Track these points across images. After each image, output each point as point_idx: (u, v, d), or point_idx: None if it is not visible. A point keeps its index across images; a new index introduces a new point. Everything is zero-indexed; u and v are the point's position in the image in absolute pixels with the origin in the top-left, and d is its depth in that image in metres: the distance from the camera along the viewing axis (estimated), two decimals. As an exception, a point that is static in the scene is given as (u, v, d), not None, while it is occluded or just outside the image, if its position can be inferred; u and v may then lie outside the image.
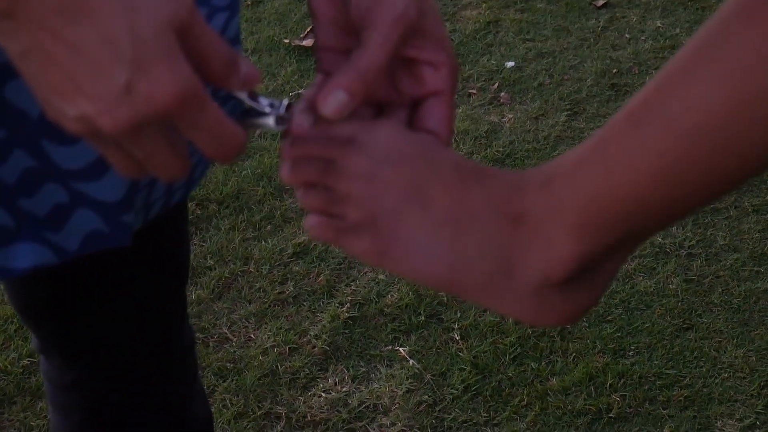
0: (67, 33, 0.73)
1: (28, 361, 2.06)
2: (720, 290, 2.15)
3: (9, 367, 2.01)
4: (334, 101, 0.82)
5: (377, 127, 0.86)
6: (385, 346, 2.08)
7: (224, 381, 2.01)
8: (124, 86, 0.74)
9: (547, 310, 0.84)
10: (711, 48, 0.72)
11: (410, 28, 0.84)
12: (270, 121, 0.84)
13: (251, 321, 2.15)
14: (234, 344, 2.10)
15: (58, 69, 0.75)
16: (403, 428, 1.91)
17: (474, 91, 2.73)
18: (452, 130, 0.89)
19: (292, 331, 2.11)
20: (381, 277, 2.22)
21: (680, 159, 0.74)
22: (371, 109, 0.90)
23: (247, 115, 0.85)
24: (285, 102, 0.84)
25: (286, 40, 2.87)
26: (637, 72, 2.70)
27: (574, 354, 2.03)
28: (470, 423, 1.93)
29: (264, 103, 0.84)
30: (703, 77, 0.72)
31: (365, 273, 2.24)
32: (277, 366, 2.04)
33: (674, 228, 2.28)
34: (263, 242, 2.31)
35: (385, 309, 2.15)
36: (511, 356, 2.03)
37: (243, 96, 0.83)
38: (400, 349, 2.07)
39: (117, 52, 0.73)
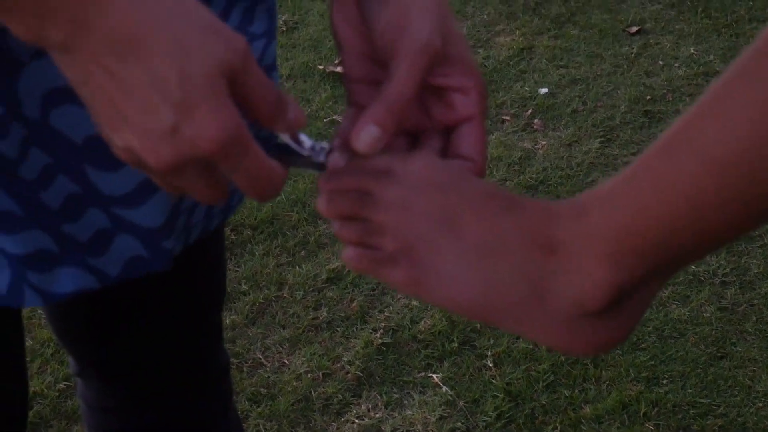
0: (119, 70, 0.74)
1: (65, 384, 2.07)
2: (754, 318, 2.14)
3: (46, 390, 2.02)
4: (366, 136, 0.83)
5: (411, 158, 0.86)
6: (418, 372, 2.08)
7: (258, 406, 2.01)
8: (169, 127, 0.75)
9: (580, 338, 0.84)
10: (741, 82, 0.71)
11: (435, 57, 0.84)
12: (309, 163, 0.84)
13: (285, 346, 2.15)
14: (268, 369, 2.10)
15: (109, 102, 0.75)
16: None
17: (507, 118, 2.73)
18: (486, 154, 0.89)
19: (325, 357, 2.11)
20: (414, 303, 2.21)
21: (710, 190, 0.73)
22: (405, 139, 0.90)
23: (286, 151, 0.85)
24: (326, 147, 0.84)
25: (321, 66, 2.88)
26: (670, 99, 2.70)
27: (607, 382, 2.02)
28: None
29: (307, 144, 0.84)
30: (732, 110, 0.71)
31: (398, 299, 2.23)
32: (310, 392, 2.04)
33: (708, 256, 2.25)
34: (297, 268, 2.31)
35: (418, 335, 2.15)
36: (545, 383, 2.03)
37: (285, 136, 0.83)
38: (433, 375, 2.07)
39: (165, 93, 0.74)
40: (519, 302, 0.83)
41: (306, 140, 0.84)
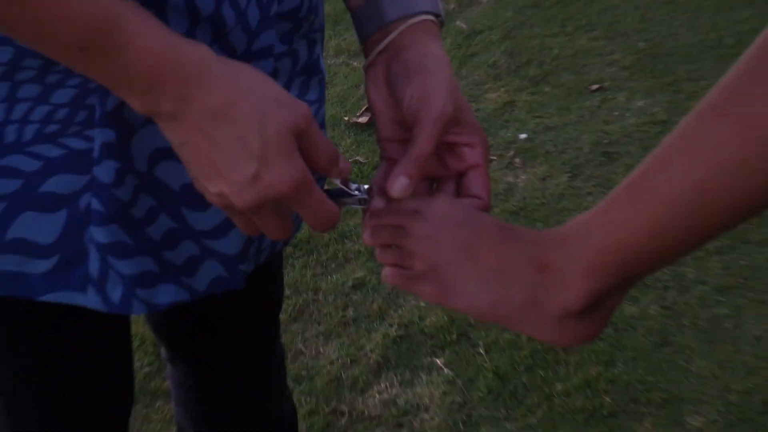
0: (213, 132, 0.77)
1: (148, 369, 2.10)
2: (690, 315, 2.16)
3: (134, 373, 2.04)
4: (398, 185, 0.86)
5: (434, 200, 0.89)
6: (425, 358, 2.10)
7: (299, 385, 2.04)
8: (252, 176, 0.78)
9: (567, 334, 0.85)
10: (689, 136, 0.74)
11: (449, 123, 0.87)
12: (356, 202, 0.88)
13: (320, 339, 2.17)
14: (307, 357, 2.13)
15: (205, 158, 0.79)
16: (440, 423, 1.93)
17: (494, 157, 2.69)
18: (491, 192, 0.91)
19: (352, 347, 2.14)
20: (422, 304, 2.22)
21: (666, 221, 0.76)
22: (428, 183, 0.93)
23: (339, 194, 0.88)
24: (365, 187, 0.88)
25: (346, 118, 2.88)
26: (624, 142, 2.68)
27: (574, 365, 2.05)
28: (492, 418, 1.95)
29: (353, 187, 0.88)
30: (682, 160, 0.74)
31: (409, 301, 2.24)
32: (341, 374, 2.07)
33: None
34: (329, 277, 2.33)
35: (425, 329, 2.17)
36: (525, 366, 2.05)
37: (337, 181, 0.87)
38: (437, 360, 2.09)
39: (249, 149, 0.77)
40: (520, 309, 0.85)
41: (352, 185, 0.88)
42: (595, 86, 2.94)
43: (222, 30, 0.86)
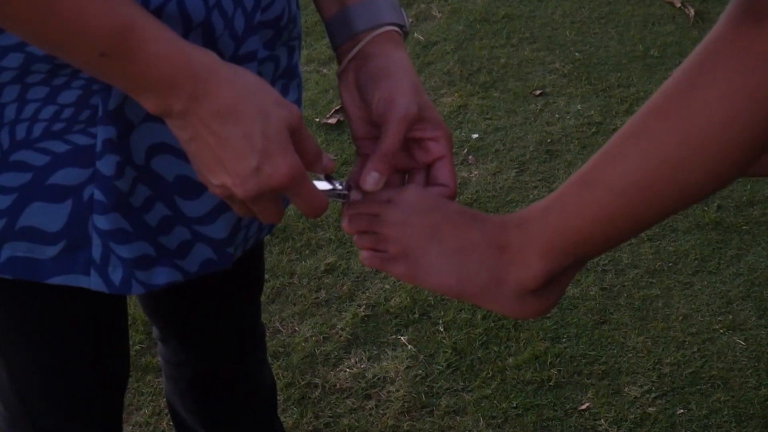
0: (220, 129, 0.76)
1: (139, 347, 2.05)
2: (625, 295, 2.13)
3: (129, 349, 1.98)
4: (371, 179, 0.86)
5: (404, 190, 0.88)
6: (391, 335, 2.06)
7: (277, 360, 2.00)
8: (254, 168, 0.77)
9: (525, 308, 0.85)
10: (636, 135, 0.75)
11: (413, 120, 0.87)
12: (336, 195, 0.88)
13: (296, 318, 2.12)
14: (283, 334, 2.08)
15: (211, 152, 0.78)
16: (404, 394, 1.90)
17: None
18: (456, 180, 0.91)
19: (324, 326, 2.09)
20: (387, 287, 2.18)
21: (615, 209, 0.76)
22: (400, 175, 0.93)
23: (321, 189, 0.87)
24: (345, 183, 0.88)
25: (317, 119, 2.83)
26: (564, 141, 2.65)
27: (524, 341, 2.01)
28: (452, 390, 1.91)
29: (335, 182, 0.88)
30: (630, 156, 0.74)
31: (376, 284, 2.20)
32: (314, 350, 2.03)
33: None
34: (303, 262, 2.27)
35: (390, 309, 2.12)
36: (480, 342, 2.01)
37: (321, 177, 0.87)
38: (401, 337, 2.05)
39: (253, 144, 0.76)
40: (483, 285, 0.84)
41: (335, 181, 0.88)
42: (538, 92, 2.91)
43: (212, 36, 0.84)
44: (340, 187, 0.88)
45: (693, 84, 0.71)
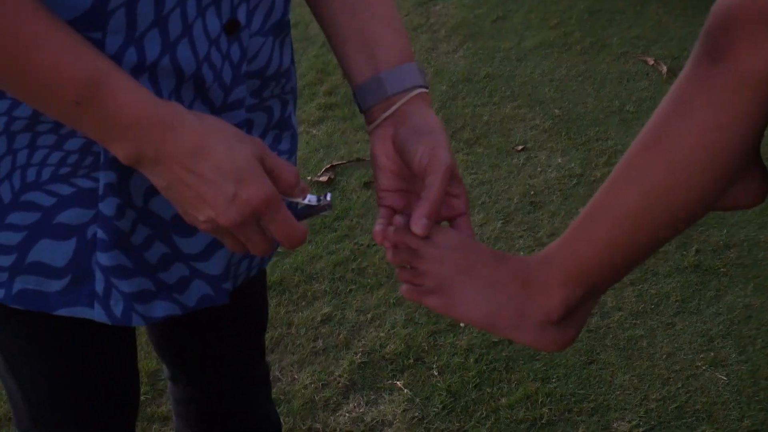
0: (194, 166, 0.82)
1: (144, 397, 2.06)
2: (611, 336, 2.20)
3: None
4: (421, 224, 0.91)
5: (440, 230, 0.94)
6: (387, 380, 2.11)
7: (278, 407, 2.02)
8: (232, 195, 0.82)
9: (548, 340, 0.91)
10: (627, 170, 0.84)
11: (454, 174, 0.93)
12: (323, 209, 0.92)
13: (295, 367, 2.17)
14: (283, 382, 2.12)
15: (190, 190, 0.83)
16: None
17: None
18: (473, 235, 0.96)
19: (323, 373, 2.14)
20: (382, 334, 2.23)
21: (619, 236, 0.84)
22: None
23: (307, 212, 0.92)
24: (328, 196, 0.92)
25: (309, 177, 2.90)
26: (547, 193, 2.72)
27: (515, 382, 2.07)
28: (448, 431, 1.95)
29: (314, 198, 0.91)
30: (625, 188, 0.83)
31: (370, 332, 2.25)
32: (314, 396, 2.07)
33: None
34: (300, 313, 2.33)
35: (386, 356, 2.17)
36: (473, 384, 2.07)
37: (299, 199, 0.90)
38: (397, 382, 2.10)
39: (226, 174, 0.82)
40: (510, 318, 0.90)
41: (313, 197, 0.92)
42: (520, 147, 2.98)
43: (202, 86, 0.91)
44: (322, 201, 0.92)
45: (670, 120, 0.81)
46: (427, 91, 0.98)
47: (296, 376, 2.15)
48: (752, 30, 0.76)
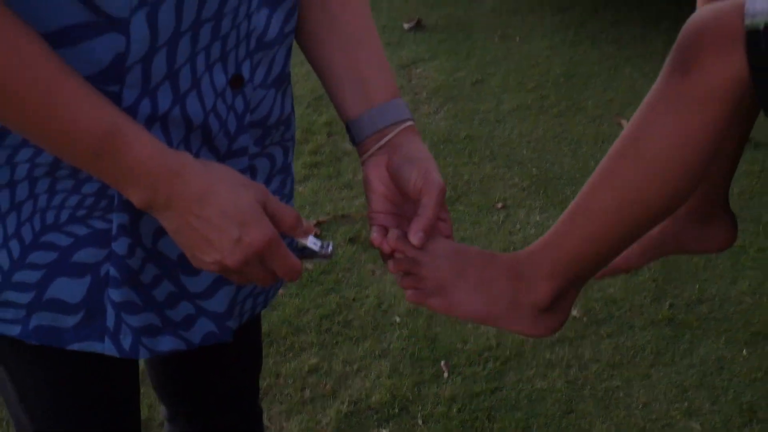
0: (201, 211, 0.88)
1: None
2: (589, 387, 2.26)
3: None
4: (419, 237, 0.99)
5: (433, 240, 1.03)
6: (373, 429, 2.15)
7: None
8: (236, 238, 0.89)
9: (539, 326, 1.02)
10: (604, 174, 0.94)
11: (445, 195, 1.03)
12: (322, 256, 0.99)
13: (283, 416, 2.20)
14: (272, 431, 2.16)
15: (197, 234, 0.89)
16: None
17: None
18: None
19: (311, 422, 2.17)
20: (367, 384, 2.28)
21: (597, 230, 0.95)
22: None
23: (303, 251, 0.99)
24: (331, 245, 1.00)
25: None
26: None
27: (497, 430, 2.12)
28: None
29: (317, 244, 0.98)
30: (602, 187, 0.93)
31: (356, 382, 2.29)
32: None
33: (557, 348, 2.38)
34: (287, 364, 2.37)
35: (371, 405, 2.22)
36: None
37: (303, 239, 0.97)
38: (383, 431, 2.14)
39: (231, 218, 0.89)
40: (505, 310, 1.01)
41: (316, 241, 0.98)
42: (499, 204, 3.04)
43: (209, 136, 0.98)
44: (322, 249, 0.99)
45: (642, 126, 0.91)
46: (414, 123, 1.08)
47: (285, 425, 2.19)
48: (718, 46, 0.87)
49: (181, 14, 0.89)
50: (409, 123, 1.07)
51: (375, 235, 1.03)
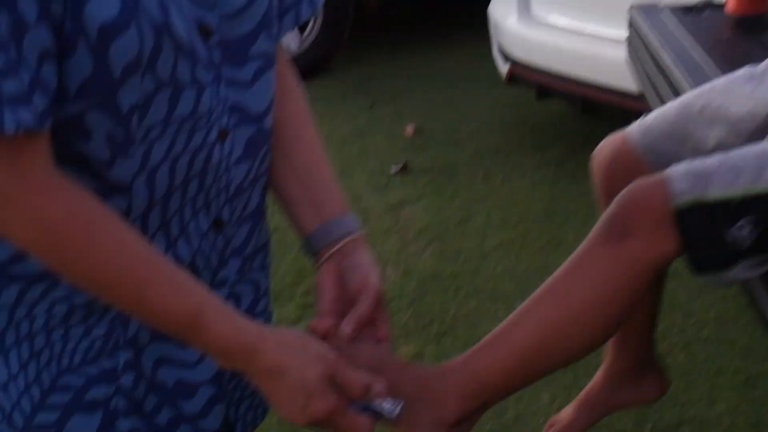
0: (268, 384, 1.03)
1: None
2: None
3: None
4: (349, 327, 1.12)
5: (364, 342, 1.14)
6: None
7: None
8: (302, 407, 1.03)
9: None
10: (523, 314, 1.02)
11: (381, 296, 1.15)
12: (388, 417, 1.08)
13: None
14: None
15: (272, 398, 1.04)
16: None
17: None
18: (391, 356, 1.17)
19: None
20: None
21: (514, 365, 1.03)
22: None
23: (370, 413, 1.08)
24: (401, 405, 1.08)
25: None
26: None
27: None
28: None
29: (385, 407, 1.07)
30: (527, 323, 1.01)
31: None
32: None
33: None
34: None
35: None
36: None
37: (369, 402, 1.08)
38: None
39: (297, 391, 1.02)
40: (412, 418, 1.08)
41: (386, 404, 1.07)
42: None
43: (196, 272, 1.11)
44: (387, 410, 1.07)
45: (572, 277, 1.02)
46: (361, 234, 1.22)
47: None
48: (649, 222, 1.00)
49: (174, 174, 1.03)
50: (357, 234, 1.21)
51: (313, 321, 1.16)
